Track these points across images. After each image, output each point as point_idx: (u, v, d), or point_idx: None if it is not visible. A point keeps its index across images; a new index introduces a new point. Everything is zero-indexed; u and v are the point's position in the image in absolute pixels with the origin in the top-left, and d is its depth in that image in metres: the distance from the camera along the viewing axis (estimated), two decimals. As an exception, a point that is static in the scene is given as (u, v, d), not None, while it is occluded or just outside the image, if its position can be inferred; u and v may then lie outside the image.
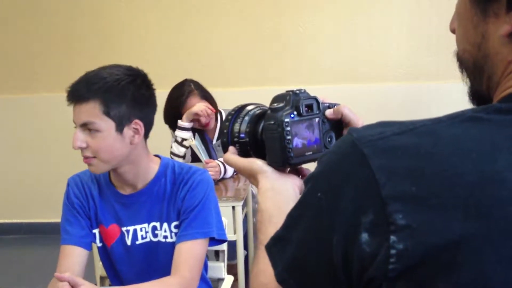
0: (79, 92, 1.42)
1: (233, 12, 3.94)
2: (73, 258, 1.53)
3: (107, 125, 1.43)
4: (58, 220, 1.66)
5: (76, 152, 1.46)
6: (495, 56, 0.61)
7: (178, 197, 1.56)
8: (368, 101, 3.80)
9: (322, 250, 0.57)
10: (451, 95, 3.22)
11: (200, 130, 2.87)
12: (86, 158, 1.46)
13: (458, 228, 0.51)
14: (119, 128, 1.45)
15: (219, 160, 2.67)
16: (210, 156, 2.82)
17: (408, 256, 0.51)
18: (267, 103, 0.89)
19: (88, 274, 1.56)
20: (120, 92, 1.44)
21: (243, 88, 3.88)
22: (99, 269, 1.83)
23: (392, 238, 0.52)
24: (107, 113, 1.43)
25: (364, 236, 0.53)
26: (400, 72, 3.91)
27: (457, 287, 0.51)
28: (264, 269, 0.69)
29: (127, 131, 1.47)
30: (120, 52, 3.96)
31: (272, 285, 0.66)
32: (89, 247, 1.59)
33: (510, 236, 0.51)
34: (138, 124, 1.49)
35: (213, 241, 1.58)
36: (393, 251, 0.52)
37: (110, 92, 1.42)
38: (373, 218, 0.53)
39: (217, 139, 2.87)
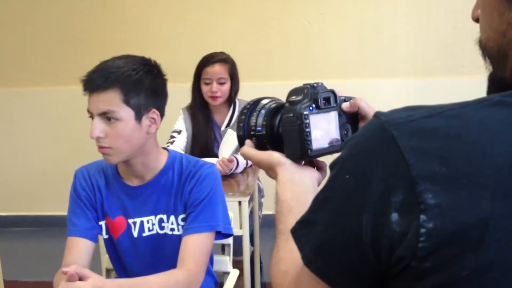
0: (98, 81, 1.41)
1: (238, 7, 3.93)
2: (79, 249, 1.54)
3: (127, 114, 1.44)
4: (64, 213, 1.67)
5: (82, 145, 1.47)
6: None
7: (185, 190, 1.56)
8: (375, 97, 3.78)
9: (351, 231, 0.58)
10: (458, 91, 3.21)
11: (207, 114, 2.84)
12: (102, 147, 1.45)
13: (487, 207, 0.52)
14: (138, 117, 1.47)
15: (234, 156, 2.65)
16: (216, 141, 2.81)
17: (438, 235, 0.53)
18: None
19: (94, 266, 1.57)
20: (138, 81, 1.45)
21: (248, 83, 3.86)
22: (105, 262, 1.83)
23: (422, 217, 0.53)
24: (126, 102, 1.43)
25: (394, 215, 0.55)
26: (408, 67, 3.89)
27: (484, 264, 0.52)
28: (285, 257, 0.71)
29: (145, 120, 1.49)
30: (125, 46, 3.95)
31: (293, 271, 0.68)
32: (95, 239, 1.59)
33: None
34: (155, 113, 1.51)
35: (219, 235, 1.58)
36: (423, 230, 0.53)
37: (129, 81, 1.43)
38: (403, 197, 0.54)
39: (226, 126, 2.84)
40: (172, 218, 1.58)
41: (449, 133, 0.55)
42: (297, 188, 0.80)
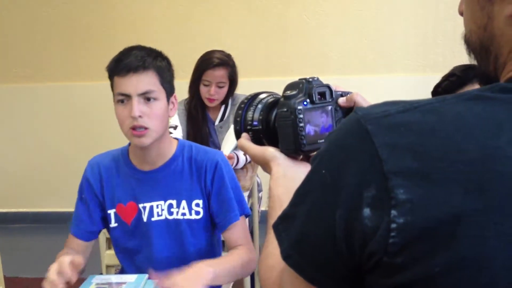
0: (137, 63, 1.48)
1: (239, 2, 3.92)
2: (77, 248, 1.61)
3: (162, 94, 1.54)
4: (64, 209, 1.69)
5: (83, 142, 1.48)
6: (501, 37, 0.62)
7: (206, 179, 1.62)
8: (375, 93, 3.77)
9: (326, 225, 0.58)
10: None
11: (203, 111, 2.85)
12: (139, 129, 1.49)
13: (459, 202, 0.51)
14: (168, 99, 1.57)
15: (234, 152, 2.67)
16: (210, 136, 2.84)
17: (408, 230, 0.52)
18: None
19: (95, 263, 1.58)
20: (166, 67, 1.56)
21: (248, 79, 3.86)
22: (105, 258, 1.83)
23: (393, 212, 0.53)
24: (162, 83, 1.53)
25: (366, 211, 0.54)
26: (407, 63, 3.89)
27: (456, 260, 0.52)
28: (273, 252, 0.71)
29: (170, 103, 1.58)
30: (127, 43, 3.93)
31: (279, 266, 0.68)
32: (88, 238, 1.64)
33: (509, 211, 0.51)
34: (175, 97, 1.62)
35: None
36: (393, 225, 0.53)
37: (160, 65, 1.53)
38: (375, 193, 0.54)
39: (220, 121, 2.86)
40: (183, 203, 1.61)
41: (423, 128, 0.55)
42: (290, 183, 0.78)
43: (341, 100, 0.84)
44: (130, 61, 1.48)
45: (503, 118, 0.55)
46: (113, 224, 1.64)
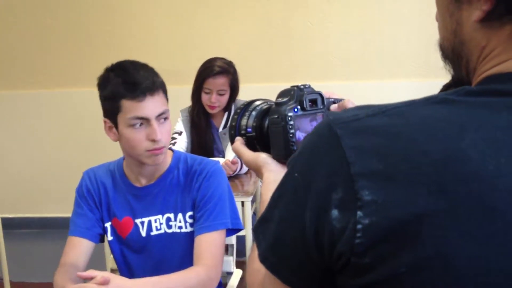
0: (150, 85, 1.47)
1: (242, 8, 3.94)
2: (79, 249, 1.57)
3: (169, 111, 1.55)
4: (69, 215, 1.69)
5: (88, 147, 1.49)
6: (469, 42, 0.63)
7: (193, 188, 1.60)
8: (378, 98, 3.77)
9: (298, 228, 0.60)
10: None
11: (206, 118, 2.87)
12: (160, 148, 1.50)
13: (422, 203, 0.53)
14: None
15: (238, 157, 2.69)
16: (214, 143, 2.86)
17: (373, 230, 0.54)
18: (276, 99, 0.90)
19: (99, 267, 1.58)
20: (163, 83, 1.55)
21: (251, 84, 3.88)
22: (110, 262, 1.85)
23: (359, 213, 0.54)
24: (167, 101, 1.55)
25: (334, 212, 0.56)
26: (410, 69, 3.89)
27: (421, 260, 0.53)
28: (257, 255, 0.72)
29: None
30: (130, 48, 3.98)
31: (263, 269, 0.68)
32: (95, 239, 1.62)
33: (472, 212, 0.52)
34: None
35: (230, 230, 1.61)
36: (359, 226, 0.54)
37: (162, 80, 1.53)
38: (342, 195, 0.55)
39: (223, 127, 2.88)
40: (179, 216, 1.61)
41: (389, 131, 0.56)
42: None
43: (333, 107, 0.85)
44: (145, 84, 1.46)
45: (466, 120, 0.56)
46: (109, 237, 1.64)
